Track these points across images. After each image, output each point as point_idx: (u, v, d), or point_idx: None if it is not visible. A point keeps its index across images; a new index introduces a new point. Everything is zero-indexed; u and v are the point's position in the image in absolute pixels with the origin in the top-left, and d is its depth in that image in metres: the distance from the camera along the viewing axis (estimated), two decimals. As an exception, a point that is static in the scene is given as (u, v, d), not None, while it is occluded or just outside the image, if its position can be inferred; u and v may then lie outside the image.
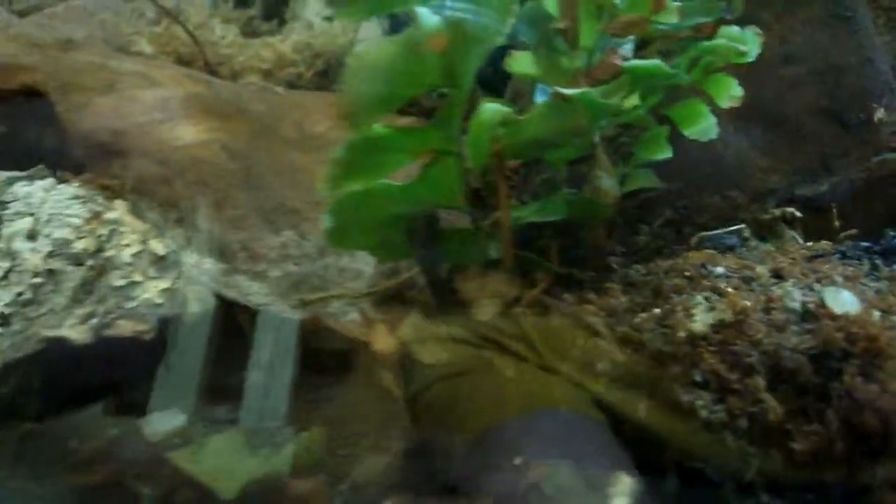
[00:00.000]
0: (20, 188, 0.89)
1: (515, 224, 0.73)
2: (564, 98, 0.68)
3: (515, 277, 0.72)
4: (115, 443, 0.78)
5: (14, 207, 0.87)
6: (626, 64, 0.71)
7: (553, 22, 0.83)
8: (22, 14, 1.63)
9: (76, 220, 0.83)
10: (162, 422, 0.83)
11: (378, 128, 0.61)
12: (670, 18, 0.80)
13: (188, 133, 0.98)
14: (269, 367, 0.83)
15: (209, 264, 0.87)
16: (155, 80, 1.08)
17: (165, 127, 0.98)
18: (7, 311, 0.76)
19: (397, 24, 1.73)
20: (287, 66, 1.35)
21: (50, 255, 0.80)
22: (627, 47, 0.87)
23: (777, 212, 1.02)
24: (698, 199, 1.04)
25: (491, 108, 0.66)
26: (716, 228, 0.99)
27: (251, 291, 0.85)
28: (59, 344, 0.73)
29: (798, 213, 0.97)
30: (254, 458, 0.78)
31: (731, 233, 0.99)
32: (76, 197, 0.85)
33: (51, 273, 0.79)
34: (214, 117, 1.02)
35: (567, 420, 0.70)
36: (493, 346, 0.70)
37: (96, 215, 0.82)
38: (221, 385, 0.85)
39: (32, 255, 0.79)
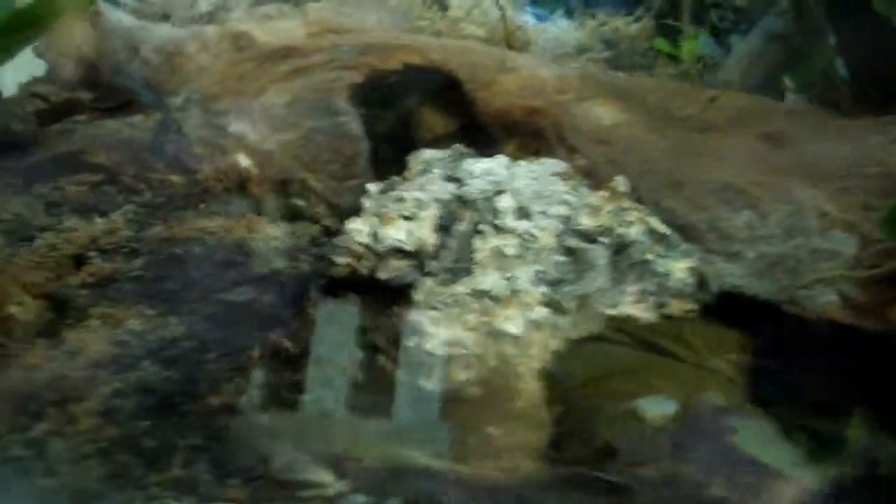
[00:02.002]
0: (473, 165, 0.86)
1: None
2: None
3: None
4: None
5: (475, 185, 0.84)
6: None
7: None
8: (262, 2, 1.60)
9: (570, 198, 0.80)
10: (657, 406, 0.80)
11: None
12: None
13: (605, 113, 0.95)
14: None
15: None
16: (524, 63, 1.05)
17: (583, 106, 0.95)
18: (535, 289, 0.73)
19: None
20: (582, 52, 1.33)
21: (561, 233, 0.77)
22: None
23: None
24: None
25: None
26: None
27: (726, 273, 0.83)
28: (628, 323, 0.71)
29: None
30: (785, 444, 0.75)
31: None
32: (556, 174, 0.82)
33: (569, 251, 0.76)
34: (612, 97, 0.99)
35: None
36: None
37: (612, 193, 0.79)
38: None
39: (542, 234, 0.77)
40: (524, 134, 0.96)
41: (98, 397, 0.69)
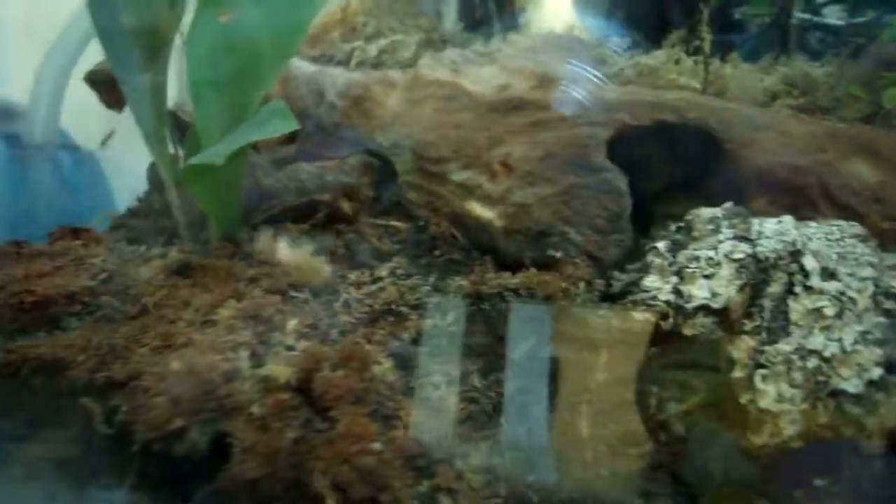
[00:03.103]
0: (762, 226, 0.91)
1: None
2: None
3: None
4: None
5: (768, 245, 0.88)
6: None
7: None
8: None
9: (873, 259, 0.84)
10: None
11: None
12: None
13: (866, 170, 1.00)
14: None
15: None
16: (771, 119, 1.10)
17: (846, 164, 1.00)
18: (866, 349, 0.78)
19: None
20: (774, 98, 1.37)
21: (874, 294, 0.81)
22: None
23: None
24: None
25: None
26: None
27: None
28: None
29: None
30: None
31: None
32: (855, 236, 0.87)
33: (887, 312, 0.80)
34: (861, 152, 1.04)
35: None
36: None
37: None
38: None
39: (858, 295, 0.81)
40: (779, 190, 1.01)
41: (477, 454, 0.74)
